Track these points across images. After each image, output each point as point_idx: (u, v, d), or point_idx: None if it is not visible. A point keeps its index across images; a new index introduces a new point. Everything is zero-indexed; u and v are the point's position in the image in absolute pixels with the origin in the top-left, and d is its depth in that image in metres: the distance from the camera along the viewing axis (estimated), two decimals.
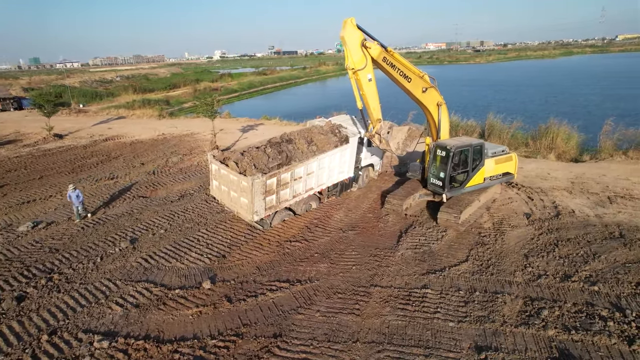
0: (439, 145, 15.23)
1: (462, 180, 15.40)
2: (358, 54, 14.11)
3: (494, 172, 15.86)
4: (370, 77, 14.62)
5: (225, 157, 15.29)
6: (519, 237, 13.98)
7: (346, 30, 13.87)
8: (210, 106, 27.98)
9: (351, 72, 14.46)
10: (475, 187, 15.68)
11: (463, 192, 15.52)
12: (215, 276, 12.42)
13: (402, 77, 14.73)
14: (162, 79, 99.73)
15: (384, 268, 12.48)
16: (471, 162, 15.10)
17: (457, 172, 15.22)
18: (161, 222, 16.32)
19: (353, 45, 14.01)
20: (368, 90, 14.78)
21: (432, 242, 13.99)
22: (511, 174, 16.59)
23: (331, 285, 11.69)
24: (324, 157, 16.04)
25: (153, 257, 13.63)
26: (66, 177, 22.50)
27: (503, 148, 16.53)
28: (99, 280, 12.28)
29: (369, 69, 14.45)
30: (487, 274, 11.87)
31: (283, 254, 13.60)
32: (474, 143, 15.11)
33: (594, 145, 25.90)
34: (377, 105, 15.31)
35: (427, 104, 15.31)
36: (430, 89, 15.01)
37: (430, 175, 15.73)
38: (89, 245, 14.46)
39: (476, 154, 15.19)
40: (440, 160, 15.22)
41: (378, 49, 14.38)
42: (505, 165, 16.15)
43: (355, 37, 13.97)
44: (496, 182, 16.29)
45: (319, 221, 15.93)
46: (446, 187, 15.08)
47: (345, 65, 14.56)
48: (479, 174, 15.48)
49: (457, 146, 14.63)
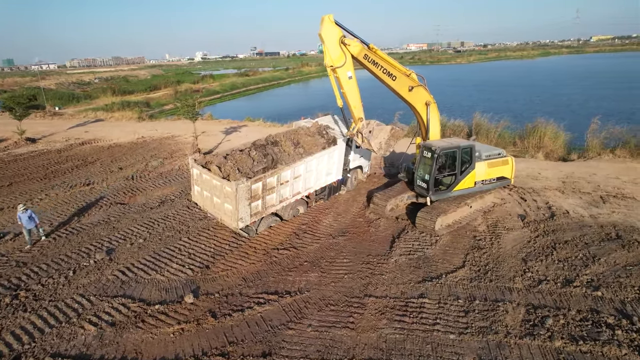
0: (425, 146, 14.65)
1: (449, 183, 14.82)
2: (336, 51, 13.64)
3: (486, 176, 15.23)
4: (351, 75, 14.13)
5: (208, 161, 14.45)
6: (515, 240, 13.53)
7: (323, 27, 13.38)
8: (191, 108, 27.00)
9: (330, 69, 14.02)
10: (464, 192, 15.10)
11: (450, 195, 14.95)
12: (199, 289, 11.58)
13: (386, 75, 14.12)
14: (142, 81, 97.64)
15: (378, 276, 11.84)
16: (459, 165, 14.52)
17: (443, 175, 14.64)
18: (140, 230, 15.36)
19: (331, 42, 13.54)
20: (348, 88, 14.28)
21: (426, 247, 13.43)
22: (507, 179, 15.91)
23: (323, 297, 10.99)
24: (312, 160, 15.33)
25: (131, 269, 12.71)
26: (38, 183, 21.23)
27: (499, 151, 15.94)
28: (70, 296, 11.31)
29: (349, 66, 13.96)
30: (486, 280, 11.34)
31: (270, 263, 12.84)
32: (463, 145, 14.50)
33: (580, 144, 25.88)
34: (358, 104, 14.78)
35: (415, 103, 14.70)
36: (418, 88, 14.40)
37: (417, 177, 15.17)
38: (60, 258, 13.43)
39: (465, 156, 14.61)
40: (426, 161, 14.65)
41: (358, 47, 13.84)
42: (500, 169, 15.51)
43: (333, 34, 13.48)
44: (489, 187, 15.67)
45: (308, 227, 15.22)
46: (430, 189, 14.51)
47: (324, 63, 14.11)
48: (469, 178, 14.89)
49: (442, 148, 14.03)
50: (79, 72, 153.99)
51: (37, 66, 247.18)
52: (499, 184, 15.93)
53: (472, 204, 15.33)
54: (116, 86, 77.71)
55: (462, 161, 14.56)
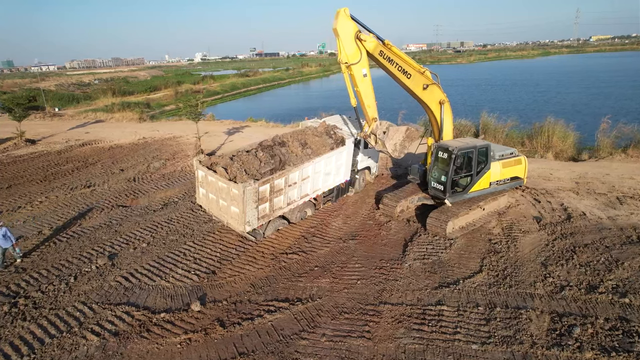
0: (441, 146, 14.11)
1: (466, 184, 14.31)
2: (352, 47, 13.03)
3: (500, 176, 14.77)
4: (366, 73, 13.54)
5: (213, 162, 13.96)
6: (533, 244, 13.05)
7: (339, 21, 12.73)
8: (194, 108, 26.51)
9: (344, 66, 13.38)
10: (480, 193, 14.66)
11: (466, 197, 14.50)
12: (205, 296, 11.11)
13: (401, 73, 13.54)
14: (142, 82, 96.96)
15: (392, 282, 11.36)
16: (475, 165, 14.05)
17: (460, 176, 14.14)
18: (143, 234, 14.88)
19: (346, 38, 12.92)
20: (363, 87, 13.68)
21: (440, 250, 12.95)
22: (520, 179, 15.45)
23: (336, 304, 10.51)
24: (320, 161, 14.85)
25: (134, 274, 12.23)
26: (38, 185, 20.75)
27: (512, 150, 15.45)
28: (72, 304, 10.83)
29: (364, 64, 13.37)
30: (505, 286, 10.86)
31: (279, 268, 12.36)
32: (479, 145, 14.01)
33: (589, 143, 25.46)
34: (372, 103, 14.22)
35: (429, 102, 14.11)
36: (432, 86, 13.79)
37: (431, 179, 14.60)
38: (61, 263, 12.95)
39: (481, 156, 14.15)
40: (442, 162, 14.13)
41: (374, 42, 13.25)
42: (513, 169, 15.05)
43: (348, 28, 12.86)
44: (503, 188, 15.22)
45: (316, 230, 14.75)
46: (448, 191, 13.96)
47: (338, 60, 13.48)
48: (484, 179, 14.44)
49: (460, 148, 13.51)
50: (79, 73, 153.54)
51: (37, 67, 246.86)
52: (513, 185, 15.47)
53: (485, 206, 14.86)
54: (116, 87, 77.06)
55: (478, 161, 14.09)
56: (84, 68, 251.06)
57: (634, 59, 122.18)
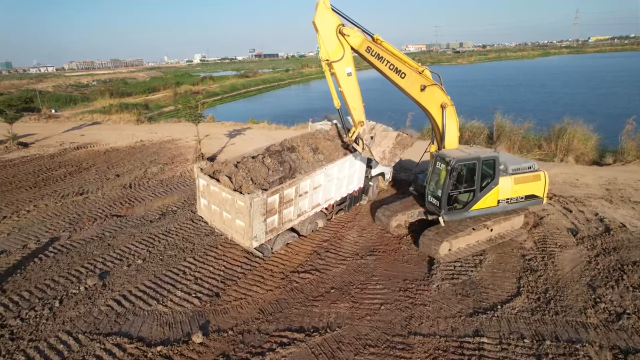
0: (439, 156, 12.18)
1: (467, 201, 12.30)
2: (333, 42, 11.66)
3: (512, 193, 12.52)
4: (350, 71, 12.06)
5: (216, 169, 12.61)
6: (573, 261, 11.71)
7: (318, 14, 11.40)
8: (194, 109, 25.09)
9: (325, 64, 12.01)
10: (485, 212, 12.58)
11: (467, 216, 12.50)
12: (208, 324, 9.75)
13: (393, 72, 11.87)
14: (141, 83, 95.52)
15: (420, 307, 10.01)
16: (479, 180, 11.99)
17: (459, 191, 12.18)
18: (138, 248, 13.52)
19: (326, 32, 11.57)
20: (347, 87, 12.24)
21: (470, 269, 11.61)
22: (538, 198, 12.99)
23: (358, 334, 9.16)
24: (333, 167, 13.51)
25: (128, 297, 10.87)
26: (27, 192, 19.37)
27: (530, 164, 13.09)
28: (55, 334, 9.47)
29: (348, 61, 11.93)
30: (551, 312, 9.52)
31: (291, 290, 11.00)
32: (484, 156, 11.96)
33: (610, 146, 24.21)
34: (359, 105, 12.66)
35: (428, 105, 12.26)
36: (432, 87, 11.97)
37: (428, 192, 12.76)
38: (46, 283, 11.57)
39: (487, 169, 12.12)
40: (439, 174, 12.24)
41: (359, 37, 11.82)
42: (529, 186, 12.72)
43: (329, 22, 11.51)
44: (516, 207, 12.95)
45: (330, 244, 13.39)
46: (443, 208, 12.01)
47: (319, 56, 12.08)
48: (491, 195, 12.30)
49: (459, 159, 11.57)
50: (77, 74, 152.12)
51: (36, 69, 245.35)
52: (528, 204, 13.11)
53: (494, 226, 12.89)
54: (114, 88, 75.60)
55: (483, 175, 12.06)
56: (83, 69, 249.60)
57: (636, 59, 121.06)
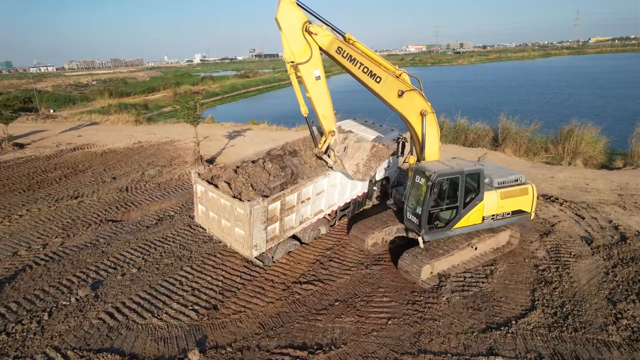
0: (419, 170, 11.20)
1: (449, 219, 11.35)
2: (299, 42, 10.42)
3: (498, 209, 11.68)
4: (319, 74, 10.98)
5: (214, 175, 12.05)
6: (589, 271, 11.16)
7: (280, 9, 10.05)
8: (192, 110, 24.45)
9: (290, 66, 10.84)
10: (468, 230, 11.71)
11: (449, 234, 11.61)
12: (205, 339, 9.20)
13: (367, 75, 10.67)
14: (140, 83, 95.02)
15: (430, 322, 9.46)
16: (462, 195, 11.07)
17: (441, 208, 11.19)
18: (133, 256, 12.97)
19: (291, 30, 10.30)
20: (315, 92, 11.17)
21: (480, 280, 11.06)
22: (525, 213, 12.16)
23: (364, 352, 8.61)
24: (336, 172, 12.96)
25: (121, 309, 10.32)
26: (20, 196, 18.81)
27: (516, 176, 12.18)
28: (42, 350, 8.94)
29: (316, 63, 10.77)
30: (570, 329, 8.96)
31: (293, 302, 10.44)
32: (467, 169, 10.94)
33: (619, 149, 23.72)
34: (329, 112, 11.70)
35: (406, 112, 11.07)
36: (410, 93, 10.76)
37: (407, 209, 11.74)
38: (35, 294, 11.02)
39: (471, 183, 11.23)
40: (418, 190, 11.24)
41: (329, 37, 10.55)
42: (516, 201, 11.85)
43: (293, 18, 10.21)
44: (502, 224, 12.11)
45: (333, 252, 12.84)
46: (423, 227, 11.04)
47: (283, 58, 10.94)
48: (475, 212, 11.42)
49: (440, 173, 10.61)
50: (77, 74, 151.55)
51: (36, 68, 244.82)
52: (515, 220, 12.21)
53: (479, 244, 12.06)
54: (113, 88, 75.06)
55: (467, 190, 11.13)
56: (83, 69, 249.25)
57: (637, 60, 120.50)
